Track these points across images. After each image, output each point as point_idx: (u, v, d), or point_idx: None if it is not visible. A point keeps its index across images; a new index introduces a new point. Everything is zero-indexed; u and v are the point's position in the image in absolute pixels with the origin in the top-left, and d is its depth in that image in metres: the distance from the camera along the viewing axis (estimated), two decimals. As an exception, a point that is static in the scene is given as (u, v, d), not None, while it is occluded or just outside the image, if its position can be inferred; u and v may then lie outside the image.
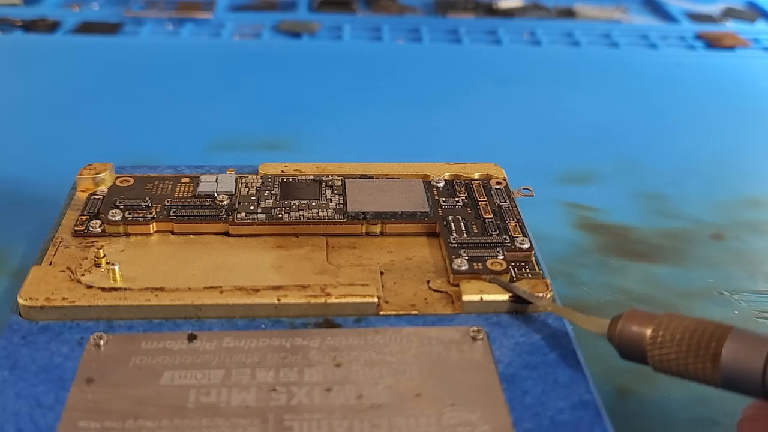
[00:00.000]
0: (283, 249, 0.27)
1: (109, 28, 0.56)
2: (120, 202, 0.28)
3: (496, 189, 0.30)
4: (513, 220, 0.28)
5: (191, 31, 0.57)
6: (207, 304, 0.24)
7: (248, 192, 0.29)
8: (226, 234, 0.27)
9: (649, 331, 0.21)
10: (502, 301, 0.24)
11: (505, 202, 0.29)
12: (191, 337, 0.23)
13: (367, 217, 0.28)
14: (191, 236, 0.27)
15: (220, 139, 0.41)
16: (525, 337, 0.23)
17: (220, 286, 0.24)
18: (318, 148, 0.40)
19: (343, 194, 0.29)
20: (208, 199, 0.28)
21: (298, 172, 0.30)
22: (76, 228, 0.27)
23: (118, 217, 0.27)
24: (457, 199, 0.29)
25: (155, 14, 0.58)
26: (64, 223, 0.28)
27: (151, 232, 0.27)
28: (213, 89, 0.47)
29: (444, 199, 0.29)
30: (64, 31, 0.55)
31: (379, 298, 0.24)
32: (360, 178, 0.30)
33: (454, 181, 0.30)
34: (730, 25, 0.62)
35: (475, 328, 0.23)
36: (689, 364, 0.20)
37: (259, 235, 0.27)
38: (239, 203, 0.28)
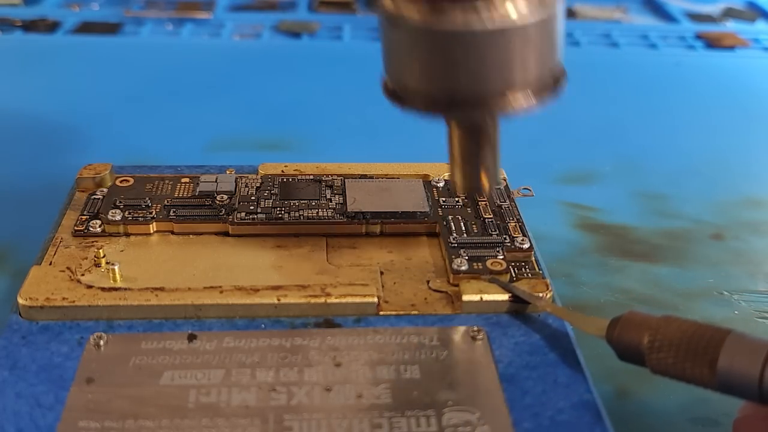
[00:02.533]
0: (283, 249, 0.27)
1: (109, 28, 0.56)
2: (120, 202, 0.28)
3: (496, 189, 0.30)
4: (513, 219, 0.28)
5: (191, 31, 0.57)
6: (207, 304, 0.24)
7: (248, 192, 0.29)
8: (226, 234, 0.27)
9: (646, 336, 0.21)
10: (502, 301, 0.24)
11: (505, 202, 0.29)
12: (191, 337, 0.23)
13: (367, 216, 0.28)
14: (191, 236, 0.27)
15: (220, 139, 0.41)
16: (525, 337, 0.23)
17: (220, 286, 0.24)
18: (318, 148, 0.40)
19: (343, 194, 0.29)
20: (208, 199, 0.28)
21: (298, 172, 0.30)
22: (76, 228, 0.27)
23: (118, 217, 0.27)
24: (456, 199, 0.29)
25: (155, 14, 0.58)
26: (64, 223, 0.28)
27: (151, 232, 0.27)
28: (213, 89, 0.47)
29: (444, 199, 0.29)
30: (64, 31, 0.55)
31: (379, 298, 0.24)
32: (360, 178, 0.30)
33: (454, 181, 0.30)
34: (730, 25, 0.62)
35: (475, 328, 0.23)
36: (686, 369, 0.20)
37: (259, 235, 0.27)
38: (239, 203, 0.28)
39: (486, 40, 0.19)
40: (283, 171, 0.30)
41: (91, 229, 0.27)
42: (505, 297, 0.24)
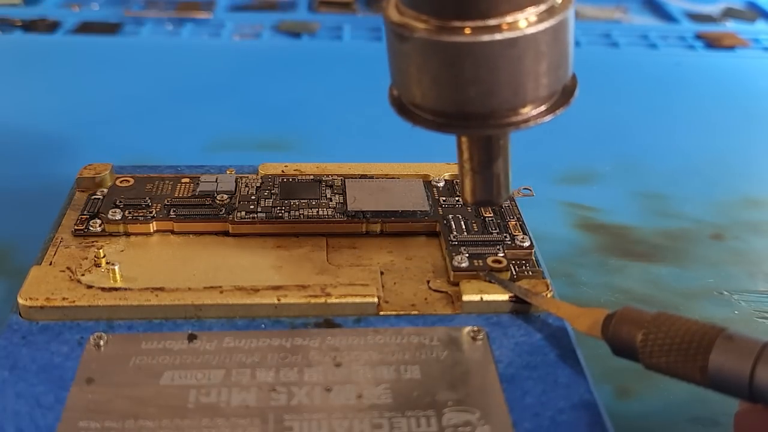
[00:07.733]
0: (283, 249, 0.27)
1: (109, 28, 0.56)
2: (120, 202, 0.28)
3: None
4: (513, 218, 0.28)
5: (191, 31, 0.57)
6: (207, 304, 0.24)
7: (248, 192, 0.29)
8: (226, 234, 0.27)
9: (639, 336, 0.21)
10: (503, 301, 0.24)
11: (505, 201, 0.29)
12: (191, 337, 0.23)
13: (367, 215, 0.28)
14: (191, 236, 0.27)
15: (220, 139, 0.41)
16: (525, 337, 0.23)
17: (220, 286, 0.24)
18: (318, 148, 0.40)
19: (343, 194, 0.29)
20: (208, 199, 0.28)
21: (298, 172, 0.30)
22: (76, 228, 0.27)
23: (118, 216, 0.27)
24: (457, 198, 0.29)
25: (155, 14, 0.58)
26: (64, 223, 0.28)
27: (151, 231, 0.27)
28: (213, 89, 0.47)
29: (444, 198, 0.29)
30: (64, 31, 0.55)
31: (379, 298, 0.24)
32: (360, 177, 0.30)
33: (455, 181, 0.30)
34: (730, 25, 0.62)
35: (475, 328, 0.23)
36: (678, 369, 0.20)
37: (259, 235, 0.27)
38: (239, 203, 0.28)
39: (496, 51, 0.18)
40: (283, 171, 0.30)
41: (91, 228, 0.27)
42: (505, 297, 0.24)
